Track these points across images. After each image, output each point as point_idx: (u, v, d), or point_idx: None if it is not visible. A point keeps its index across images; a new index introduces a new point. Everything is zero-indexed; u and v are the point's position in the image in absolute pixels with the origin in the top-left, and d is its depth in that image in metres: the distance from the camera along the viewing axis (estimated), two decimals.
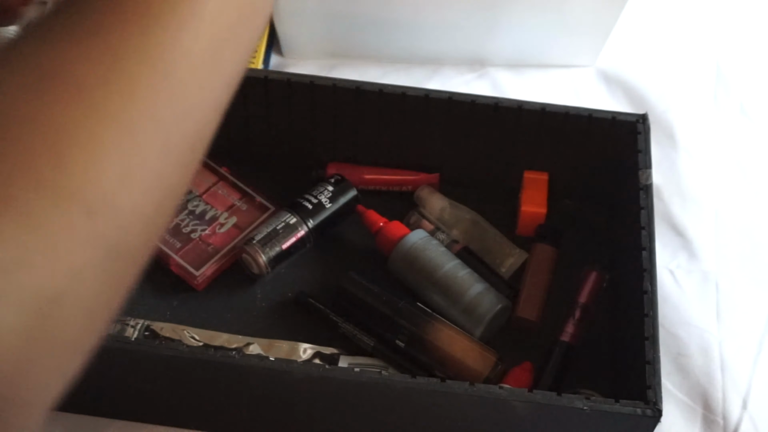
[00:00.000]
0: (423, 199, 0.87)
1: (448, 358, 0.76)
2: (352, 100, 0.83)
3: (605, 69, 1.01)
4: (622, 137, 0.82)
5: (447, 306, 0.79)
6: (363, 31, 0.97)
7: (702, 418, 0.77)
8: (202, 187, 0.87)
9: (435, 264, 0.80)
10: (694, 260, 0.86)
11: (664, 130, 0.95)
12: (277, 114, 0.86)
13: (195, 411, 0.73)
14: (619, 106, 0.97)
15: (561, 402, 0.64)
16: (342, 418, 0.71)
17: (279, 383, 0.67)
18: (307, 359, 0.77)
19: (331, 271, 0.83)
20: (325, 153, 0.89)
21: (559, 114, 0.81)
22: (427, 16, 0.94)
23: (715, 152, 0.95)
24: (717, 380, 0.79)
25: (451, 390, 0.65)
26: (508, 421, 0.68)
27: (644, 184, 0.77)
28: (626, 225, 0.79)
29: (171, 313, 0.80)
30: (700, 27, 1.06)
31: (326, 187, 0.85)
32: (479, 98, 0.82)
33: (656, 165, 0.86)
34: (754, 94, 1.01)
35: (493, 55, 1.00)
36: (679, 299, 0.83)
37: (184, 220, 0.85)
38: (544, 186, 0.86)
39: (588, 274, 0.82)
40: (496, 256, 0.85)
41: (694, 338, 0.81)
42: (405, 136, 0.86)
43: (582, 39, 0.98)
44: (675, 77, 1.01)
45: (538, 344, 0.79)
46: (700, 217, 0.89)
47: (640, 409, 0.64)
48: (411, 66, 1.00)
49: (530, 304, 0.81)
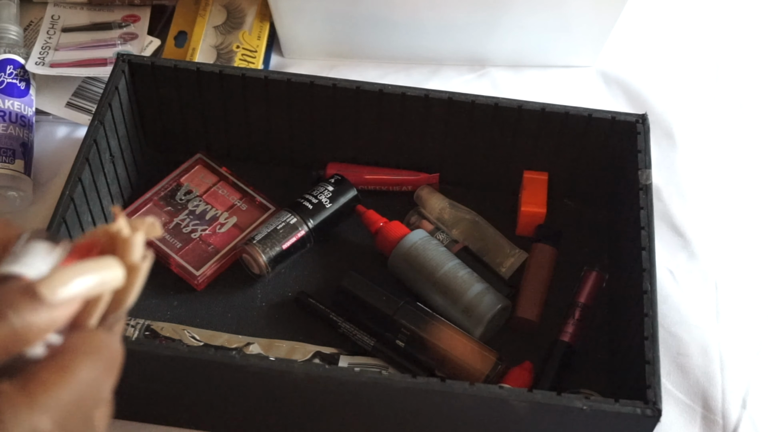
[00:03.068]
0: (423, 199, 0.87)
1: (448, 358, 0.76)
2: (352, 100, 0.83)
3: (605, 69, 1.01)
4: (621, 137, 0.82)
5: (447, 306, 0.79)
6: (363, 31, 0.97)
7: (701, 417, 0.77)
8: (203, 187, 0.87)
9: (435, 264, 0.80)
10: (694, 260, 0.86)
11: (663, 130, 0.95)
12: (277, 114, 0.86)
13: (195, 411, 0.74)
14: (619, 106, 0.97)
15: (561, 402, 0.64)
16: (342, 418, 0.72)
17: (279, 383, 0.67)
18: (307, 359, 0.77)
19: (331, 271, 0.84)
20: (325, 153, 0.89)
21: (558, 114, 0.81)
22: (427, 16, 0.94)
23: (714, 152, 0.95)
24: (716, 380, 0.79)
25: (451, 390, 0.65)
26: (508, 421, 0.68)
27: (644, 184, 0.77)
28: (626, 225, 0.79)
29: (171, 312, 0.80)
30: (700, 27, 1.06)
31: (326, 187, 0.85)
32: (479, 98, 0.82)
33: (656, 165, 0.87)
34: (754, 94, 1.01)
35: (493, 55, 1.00)
36: (678, 299, 0.83)
37: (185, 220, 0.85)
38: (544, 186, 0.86)
39: (588, 274, 0.82)
40: (496, 256, 0.85)
41: (693, 338, 0.81)
42: (405, 136, 0.86)
43: (582, 39, 0.98)
44: (675, 77, 1.01)
45: (538, 344, 0.79)
46: (700, 217, 0.89)
47: (640, 409, 0.64)
48: (411, 66, 1.00)
49: (530, 304, 0.81)
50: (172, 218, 0.85)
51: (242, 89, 0.84)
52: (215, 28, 0.99)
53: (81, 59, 0.96)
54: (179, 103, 0.86)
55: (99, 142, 0.78)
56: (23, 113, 0.89)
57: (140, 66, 0.83)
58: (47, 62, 0.95)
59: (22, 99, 0.90)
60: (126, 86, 0.83)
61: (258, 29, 0.99)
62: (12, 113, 0.88)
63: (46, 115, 0.93)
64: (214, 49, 0.97)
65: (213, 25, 0.99)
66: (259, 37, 0.98)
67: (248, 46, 0.97)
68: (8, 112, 0.88)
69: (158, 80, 0.84)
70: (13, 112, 0.88)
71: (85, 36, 0.99)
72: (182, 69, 0.83)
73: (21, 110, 0.89)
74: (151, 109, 0.87)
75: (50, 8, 1.00)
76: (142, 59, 0.84)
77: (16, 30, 0.95)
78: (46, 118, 0.93)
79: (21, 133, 0.88)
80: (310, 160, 0.89)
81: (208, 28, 0.99)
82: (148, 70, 0.83)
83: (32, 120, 0.90)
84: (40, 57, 0.95)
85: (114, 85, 0.81)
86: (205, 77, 0.83)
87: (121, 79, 0.82)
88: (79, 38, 0.98)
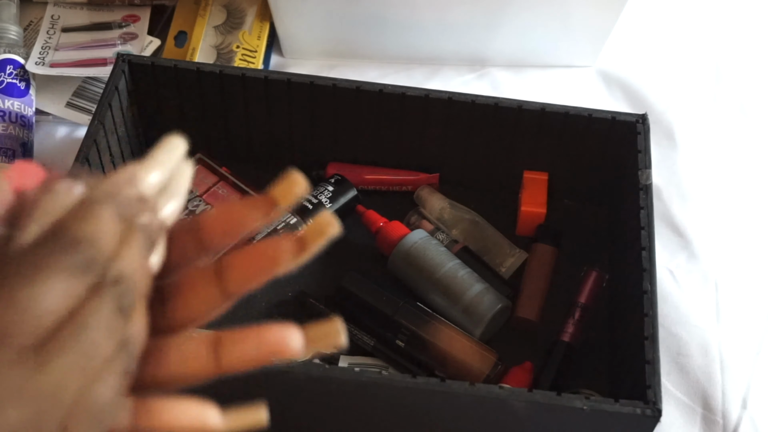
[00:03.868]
0: (423, 199, 0.87)
1: (448, 358, 0.76)
2: (352, 100, 0.83)
3: (605, 69, 1.01)
4: (621, 137, 0.82)
5: (447, 306, 0.79)
6: (363, 31, 0.97)
7: (701, 417, 0.77)
8: (203, 188, 0.87)
9: (435, 264, 0.80)
10: (693, 260, 0.86)
11: (663, 130, 0.95)
12: (277, 114, 0.86)
13: None
14: (619, 106, 0.97)
15: (561, 402, 0.64)
16: (342, 418, 0.72)
17: (279, 383, 0.67)
18: (307, 359, 0.77)
19: (331, 271, 0.84)
20: (325, 153, 0.89)
21: (558, 114, 0.81)
22: (427, 16, 0.94)
23: (714, 152, 0.95)
24: (717, 380, 0.79)
25: (451, 390, 0.65)
26: (508, 421, 0.68)
27: (644, 184, 0.77)
28: (626, 225, 0.79)
29: None
30: (700, 27, 1.06)
31: (326, 187, 0.85)
32: (479, 98, 0.82)
33: (656, 165, 0.86)
34: (754, 94, 1.01)
35: (493, 55, 1.00)
36: (678, 299, 0.83)
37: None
38: (544, 186, 0.86)
39: (588, 274, 0.82)
40: (496, 256, 0.85)
41: (693, 338, 0.81)
42: (405, 136, 0.86)
43: (582, 39, 0.98)
44: (675, 77, 1.01)
45: (538, 344, 0.79)
46: (700, 217, 0.89)
47: (640, 409, 0.64)
48: (411, 66, 1.00)
49: (530, 304, 0.81)
50: None
51: (242, 89, 0.84)
52: (215, 28, 0.99)
53: (81, 59, 0.96)
54: (179, 103, 0.86)
55: (99, 142, 0.78)
56: (23, 113, 0.89)
57: (140, 66, 0.83)
58: (47, 62, 0.95)
59: (22, 99, 0.90)
60: (126, 86, 0.83)
61: (258, 29, 0.99)
62: (12, 113, 0.88)
63: (46, 115, 0.93)
64: (214, 49, 0.97)
65: (213, 25, 0.99)
66: (259, 37, 0.98)
67: (248, 46, 0.97)
68: (8, 112, 0.88)
69: (158, 80, 0.84)
70: (13, 112, 0.88)
71: (85, 36, 0.99)
72: (182, 69, 0.83)
73: (21, 110, 0.89)
74: (151, 109, 0.87)
75: (50, 8, 1.00)
76: (142, 59, 0.84)
77: (16, 30, 0.95)
78: (46, 118, 0.93)
79: (21, 133, 0.88)
80: (310, 160, 0.89)
81: (208, 28, 0.99)
82: (148, 70, 0.83)
83: (32, 120, 0.90)
84: (40, 57, 0.95)
85: (114, 85, 0.81)
86: (205, 77, 0.83)
87: (121, 79, 0.82)
88: (79, 38, 0.98)
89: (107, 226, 0.33)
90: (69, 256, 0.31)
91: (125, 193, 0.34)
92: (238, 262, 0.38)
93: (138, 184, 0.36)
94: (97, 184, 0.34)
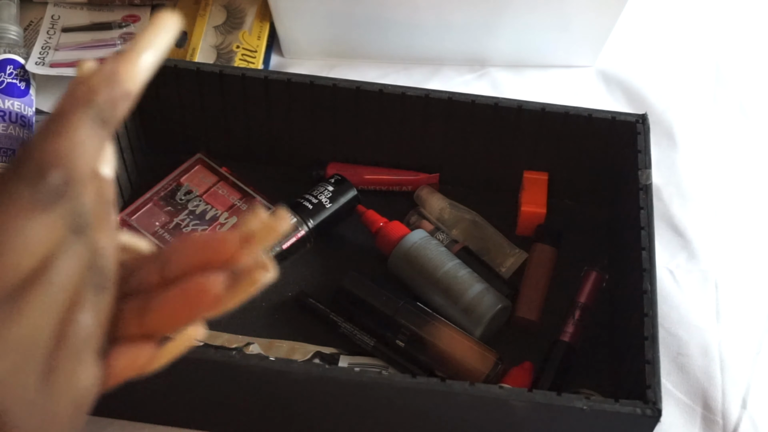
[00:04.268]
0: (423, 199, 0.87)
1: (448, 358, 0.76)
2: (352, 100, 0.83)
3: (605, 69, 1.01)
4: (621, 137, 0.82)
5: (447, 306, 0.79)
6: (363, 31, 0.97)
7: (701, 417, 0.77)
8: (203, 187, 0.87)
9: (435, 264, 0.80)
10: (693, 260, 0.86)
11: (663, 130, 0.95)
12: (277, 114, 0.86)
13: (195, 411, 0.73)
14: (619, 106, 0.97)
15: (561, 402, 0.64)
16: (342, 418, 0.72)
17: (279, 383, 0.67)
18: (307, 359, 0.77)
19: (331, 271, 0.84)
20: (325, 153, 0.89)
21: (558, 114, 0.81)
22: (427, 16, 0.94)
23: (714, 152, 0.95)
24: (716, 380, 0.79)
25: (451, 390, 0.65)
26: (508, 421, 0.68)
27: (644, 184, 0.77)
28: (626, 225, 0.79)
29: None
30: (700, 27, 1.06)
31: (326, 187, 0.85)
32: (479, 98, 0.82)
33: (656, 165, 0.87)
34: (753, 94, 1.01)
35: (493, 55, 1.00)
36: (678, 299, 0.83)
37: (185, 220, 0.85)
38: (543, 186, 0.86)
39: (588, 274, 0.82)
40: (496, 256, 0.85)
41: (693, 338, 0.81)
42: (405, 136, 0.86)
43: (582, 39, 0.98)
44: (675, 77, 1.01)
45: (538, 344, 0.79)
46: (700, 217, 0.89)
47: (640, 409, 0.64)
48: (411, 66, 1.00)
49: (530, 304, 0.81)
50: (172, 218, 0.85)
51: (242, 89, 0.84)
52: (215, 28, 0.99)
53: (81, 59, 0.96)
54: (179, 103, 0.86)
55: None
56: (23, 113, 0.89)
57: None
58: (47, 62, 0.95)
59: (22, 99, 0.90)
60: None
61: (258, 29, 0.99)
62: (12, 113, 0.88)
63: (46, 115, 0.93)
64: (214, 49, 0.97)
65: (213, 25, 0.99)
66: (259, 37, 0.98)
67: (248, 46, 0.97)
68: (8, 112, 0.88)
69: (158, 80, 0.84)
70: (13, 112, 0.88)
71: (85, 36, 0.99)
72: (182, 69, 0.83)
73: (21, 110, 0.89)
74: (151, 109, 0.87)
75: (50, 8, 1.00)
76: None
77: (16, 30, 0.95)
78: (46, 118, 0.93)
79: (21, 133, 0.88)
80: (310, 160, 0.89)
81: (208, 28, 0.99)
82: None
83: (32, 120, 0.90)
84: (40, 57, 0.95)
85: None
86: (205, 77, 0.83)
87: None
88: (79, 38, 0.98)
89: (83, 141, 0.31)
90: (40, 185, 0.30)
91: (105, 95, 0.32)
92: (160, 307, 0.36)
93: (121, 82, 0.33)
94: (71, 87, 0.32)
